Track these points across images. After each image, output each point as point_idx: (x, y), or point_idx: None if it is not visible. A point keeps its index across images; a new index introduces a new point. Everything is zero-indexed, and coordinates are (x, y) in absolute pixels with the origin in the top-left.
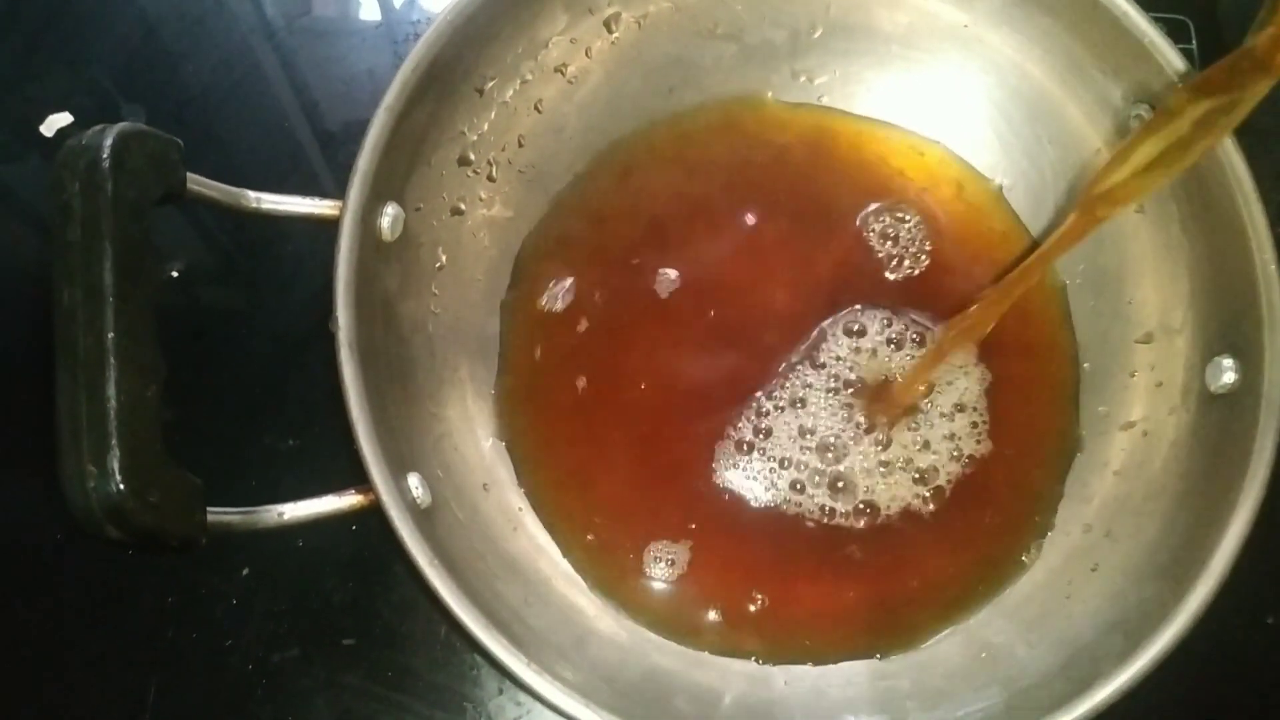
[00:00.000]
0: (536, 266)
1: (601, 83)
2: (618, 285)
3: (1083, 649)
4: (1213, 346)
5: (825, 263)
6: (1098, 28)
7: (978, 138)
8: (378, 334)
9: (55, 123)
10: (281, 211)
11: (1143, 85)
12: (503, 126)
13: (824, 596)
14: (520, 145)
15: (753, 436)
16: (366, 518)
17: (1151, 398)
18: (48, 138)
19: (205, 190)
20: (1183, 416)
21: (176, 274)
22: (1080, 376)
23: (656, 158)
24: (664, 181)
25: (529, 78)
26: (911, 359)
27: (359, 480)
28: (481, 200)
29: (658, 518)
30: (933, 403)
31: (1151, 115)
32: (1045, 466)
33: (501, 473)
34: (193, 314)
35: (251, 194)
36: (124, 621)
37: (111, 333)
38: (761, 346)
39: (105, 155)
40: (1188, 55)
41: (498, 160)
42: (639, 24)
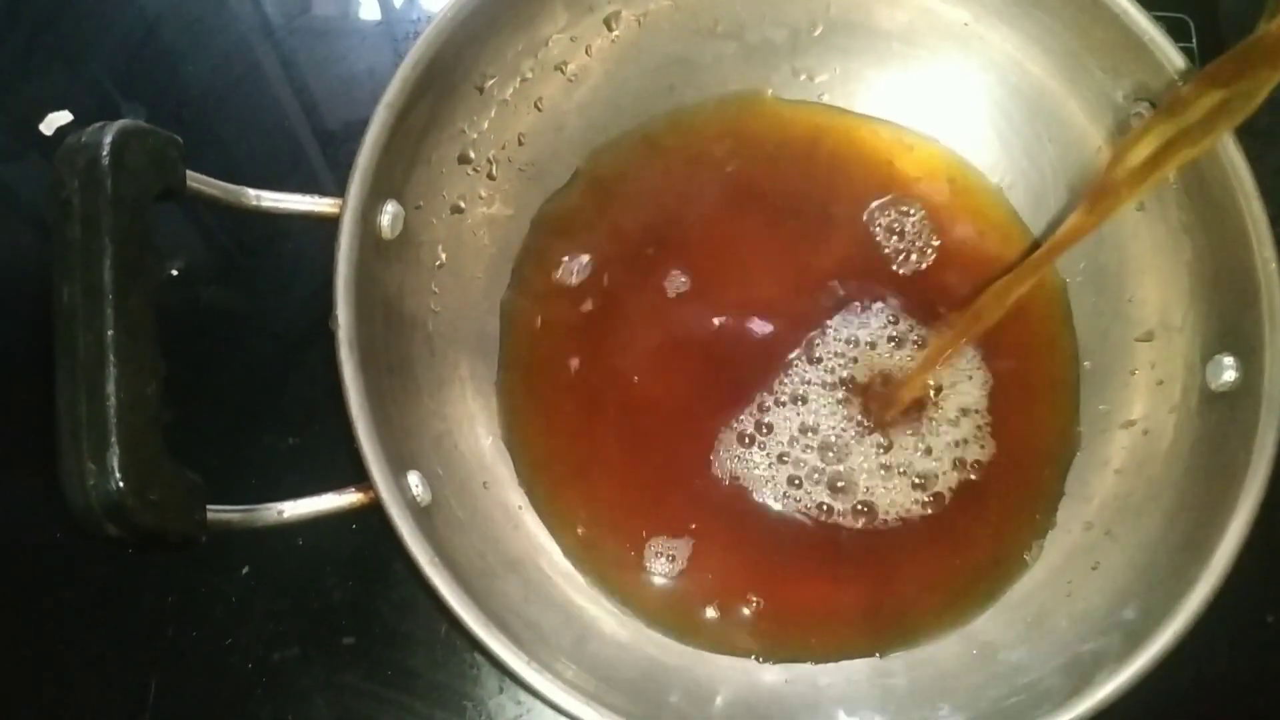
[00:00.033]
0: (547, 242)
1: (602, 81)
2: (619, 281)
3: (1083, 648)
4: (1213, 345)
5: (826, 259)
6: (1098, 26)
7: (978, 136)
8: (378, 332)
9: (55, 121)
10: (281, 209)
11: (1143, 83)
12: (503, 124)
13: (824, 595)
14: (520, 143)
15: (754, 432)
16: (366, 516)
17: (1152, 396)
18: (47, 136)
19: (205, 188)
20: (1183, 415)
21: (176, 272)
22: (1081, 375)
23: (656, 155)
24: (665, 179)
25: (529, 76)
26: (913, 357)
27: (359, 478)
28: (481, 198)
29: (657, 514)
30: (935, 404)
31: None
32: (1046, 465)
33: (501, 470)
34: (193, 312)
35: (251, 192)
36: (124, 621)
37: (111, 330)
38: (762, 344)
39: (105, 152)
40: (1188, 53)
41: (498, 158)
42: (639, 22)
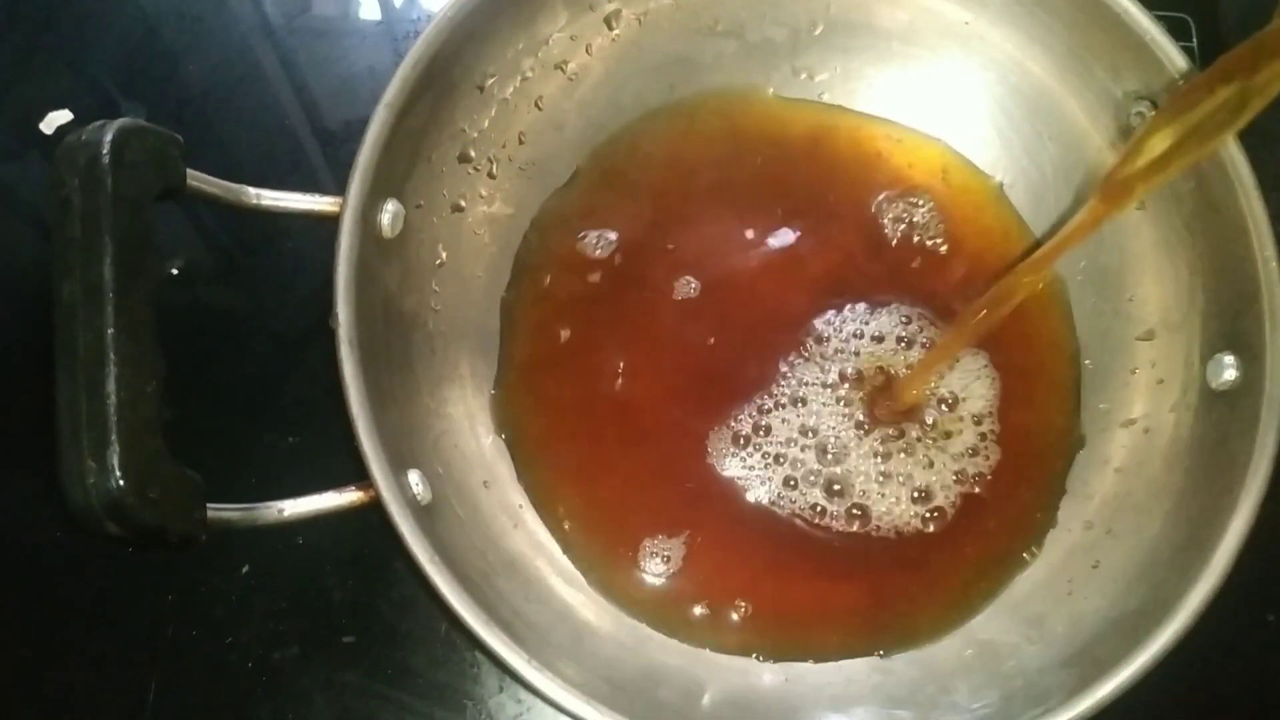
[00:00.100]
0: (548, 241)
1: (602, 80)
2: (620, 280)
3: (1083, 646)
4: (1214, 343)
5: (827, 258)
6: (1099, 25)
7: (978, 135)
8: (378, 331)
9: (55, 120)
10: (281, 208)
11: (1144, 82)
12: (503, 123)
13: (825, 594)
14: (521, 142)
15: (751, 432)
16: (367, 515)
17: (1153, 395)
18: (48, 135)
19: (205, 186)
20: (1184, 413)
21: (176, 271)
22: (1081, 374)
23: (657, 154)
24: (665, 178)
25: (529, 75)
26: (916, 357)
27: (359, 477)
28: (482, 197)
29: (657, 513)
30: (937, 405)
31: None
32: (1047, 464)
33: (502, 469)
34: (193, 311)
35: (251, 190)
36: (124, 620)
37: (111, 329)
38: (762, 344)
39: (105, 151)
40: (1188, 53)
41: (498, 157)
42: (639, 21)
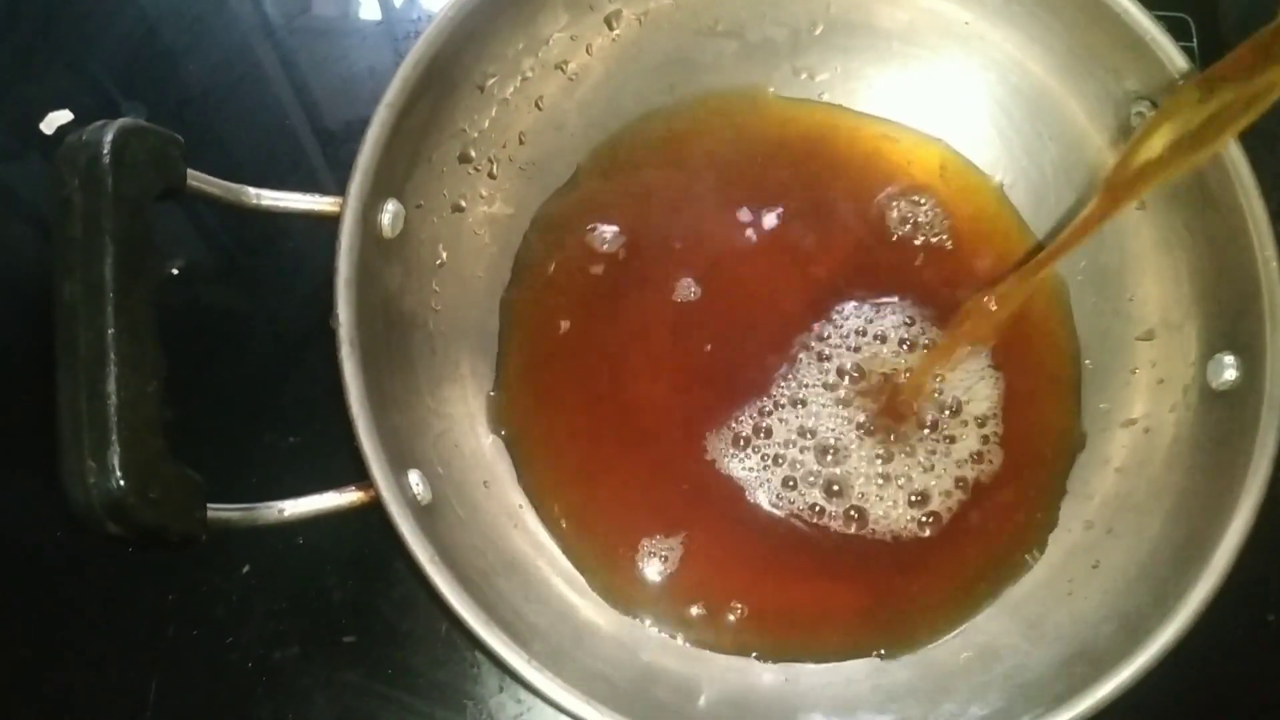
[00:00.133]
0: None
1: (602, 80)
2: (621, 280)
3: (1084, 646)
4: (1214, 343)
5: (827, 258)
6: (1099, 25)
7: (978, 135)
8: (378, 331)
9: (55, 120)
10: (282, 208)
11: (1144, 82)
12: (503, 123)
13: (824, 594)
14: (521, 142)
15: (751, 433)
16: (367, 515)
17: (1153, 395)
18: (48, 135)
19: (206, 186)
20: (1184, 413)
21: (177, 271)
22: (1082, 374)
23: (657, 154)
24: (665, 177)
25: (530, 75)
26: (917, 357)
27: (359, 477)
28: (482, 197)
29: (655, 513)
30: (938, 406)
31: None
32: (1047, 464)
33: (502, 470)
34: (193, 311)
35: (252, 190)
36: (124, 620)
37: (112, 329)
38: (762, 343)
39: (106, 150)
40: (1188, 53)
41: (498, 157)
42: (640, 21)
